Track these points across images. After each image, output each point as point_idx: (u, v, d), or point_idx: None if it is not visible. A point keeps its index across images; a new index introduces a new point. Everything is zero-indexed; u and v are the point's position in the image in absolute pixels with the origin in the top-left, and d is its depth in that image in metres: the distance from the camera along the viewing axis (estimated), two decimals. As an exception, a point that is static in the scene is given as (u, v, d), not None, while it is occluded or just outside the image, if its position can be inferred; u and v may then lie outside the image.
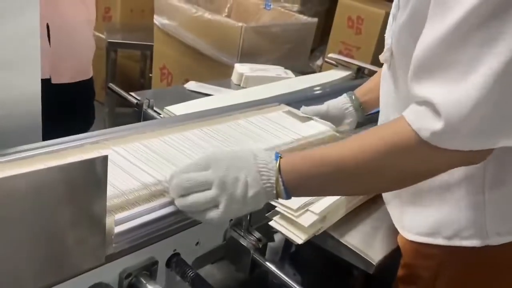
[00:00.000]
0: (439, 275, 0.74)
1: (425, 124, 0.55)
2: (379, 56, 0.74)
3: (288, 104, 1.12)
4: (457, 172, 0.68)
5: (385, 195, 0.83)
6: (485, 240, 0.68)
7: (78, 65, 1.35)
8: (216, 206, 0.61)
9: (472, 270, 0.72)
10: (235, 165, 0.61)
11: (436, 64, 0.54)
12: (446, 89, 0.53)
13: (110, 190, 0.65)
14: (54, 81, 1.25)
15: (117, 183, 0.68)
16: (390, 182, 0.63)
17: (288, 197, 0.63)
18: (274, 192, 0.62)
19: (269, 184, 0.61)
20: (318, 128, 1.00)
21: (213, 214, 0.61)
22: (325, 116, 1.03)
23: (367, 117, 1.07)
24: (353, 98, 1.03)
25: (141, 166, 0.74)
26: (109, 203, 0.63)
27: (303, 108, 1.05)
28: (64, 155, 0.73)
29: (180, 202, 0.63)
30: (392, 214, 0.81)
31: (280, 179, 0.61)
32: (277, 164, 0.62)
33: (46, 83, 1.20)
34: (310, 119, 1.03)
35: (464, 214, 0.69)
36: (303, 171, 0.62)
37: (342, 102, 1.02)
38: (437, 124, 0.54)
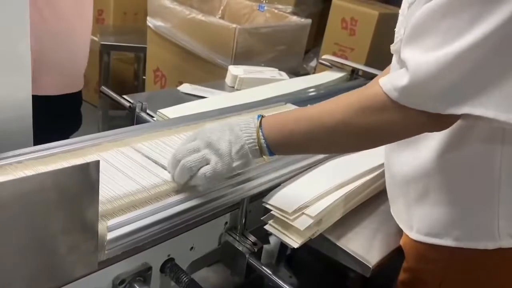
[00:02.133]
0: (446, 279, 0.72)
1: (394, 82, 0.58)
2: (390, 46, 0.72)
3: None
4: (470, 171, 0.67)
5: (391, 195, 0.81)
6: (497, 242, 0.66)
7: (65, 79, 1.32)
8: (207, 164, 0.67)
9: (482, 273, 0.70)
10: (219, 130, 0.68)
11: (421, 31, 0.57)
12: (421, 52, 0.55)
13: (102, 196, 0.64)
14: (36, 92, 1.23)
15: (110, 188, 0.67)
16: (361, 140, 0.65)
17: (270, 153, 0.68)
18: (257, 147, 0.67)
19: (251, 140, 0.67)
20: None
21: (205, 169, 0.66)
22: None
23: None
24: None
25: (134, 170, 0.73)
26: (102, 208, 0.62)
27: None
28: (55, 160, 0.72)
29: (175, 172, 0.68)
30: (398, 215, 0.80)
31: (261, 135, 0.66)
32: (258, 122, 0.67)
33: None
34: None
35: (476, 215, 0.67)
36: (283, 128, 0.67)
37: None
38: (403, 80, 0.56)
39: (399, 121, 0.60)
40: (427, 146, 0.70)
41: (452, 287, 0.73)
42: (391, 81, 0.58)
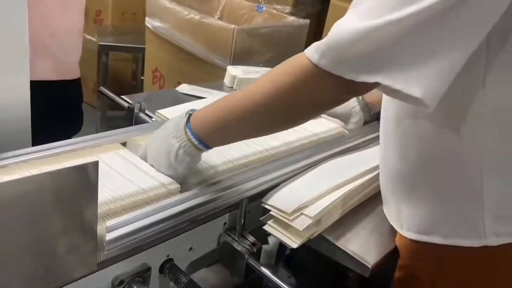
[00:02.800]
0: (438, 276, 0.73)
1: (316, 43, 0.59)
2: None
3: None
4: (458, 170, 0.68)
5: (383, 194, 0.82)
6: (483, 240, 0.67)
7: (59, 63, 1.32)
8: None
9: (471, 271, 0.71)
10: (157, 141, 0.73)
11: (356, 2, 0.58)
12: (350, 18, 0.57)
13: (101, 196, 0.64)
14: (34, 78, 1.22)
15: (109, 189, 0.67)
16: (289, 116, 0.65)
17: (204, 146, 0.69)
18: (191, 146, 0.69)
19: (184, 143, 0.69)
20: (328, 125, 1.03)
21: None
22: (332, 115, 1.07)
23: (374, 115, 1.08)
24: (360, 97, 1.06)
25: (133, 172, 0.73)
26: (101, 209, 0.62)
27: None
28: (54, 161, 0.72)
29: None
30: (390, 214, 0.81)
31: (189, 133, 0.68)
32: (185, 119, 0.69)
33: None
34: (320, 117, 1.06)
35: (461, 213, 0.68)
36: (213, 117, 0.68)
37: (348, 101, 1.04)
38: (321, 42, 0.58)
39: (318, 87, 0.61)
40: (413, 146, 0.71)
41: (445, 284, 0.73)
42: (314, 44, 0.60)
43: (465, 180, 0.67)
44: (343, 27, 0.57)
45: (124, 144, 0.84)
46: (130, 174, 0.73)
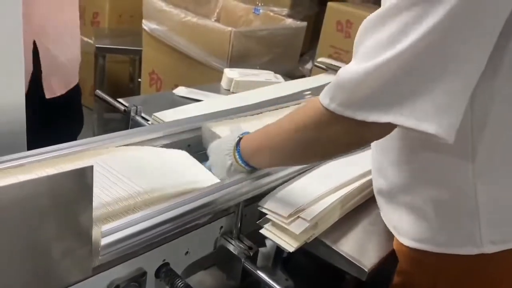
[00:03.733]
0: (438, 283, 0.73)
1: (326, 88, 0.62)
2: None
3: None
4: (450, 179, 0.68)
5: (380, 202, 0.82)
6: (480, 248, 0.68)
7: (67, 76, 1.34)
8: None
9: (470, 278, 0.71)
10: (214, 152, 0.83)
11: (357, 44, 0.61)
12: (352, 63, 0.60)
13: (96, 201, 0.64)
14: (48, 96, 1.24)
15: (104, 193, 0.67)
16: (307, 153, 0.69)
17: (246, 164, 0.77)
18: (237, 164, 0.78)
19: (233, 161, 0.78)
20: None
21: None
22: None
23: None
24: None
25: (128, 176, 0.73)
26: (96, 213, 0.61)
27: None
28: (49, 164, 0.72)
29: None
30: (388, 220, 0.81)
31: (237, 156, 0.77)
32: (235, 143, 0.78)
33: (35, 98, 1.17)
34: None
35: (457, 222, 0.69)
36: (253, 144, 0.76)
37: None
38: (329, 86, 0.61)
39: (331, 129, 0.63)
40: (407, 157, 0.71)
41: (448, 284, 0.73)
42: (325, 87, 0.62)
43: (459, 189, 0.67)
44: (347, 71, 0.59)
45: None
46: (126, 177, 0.72)
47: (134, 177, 0.73)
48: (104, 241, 0.58)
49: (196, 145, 0.96)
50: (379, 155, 0.78)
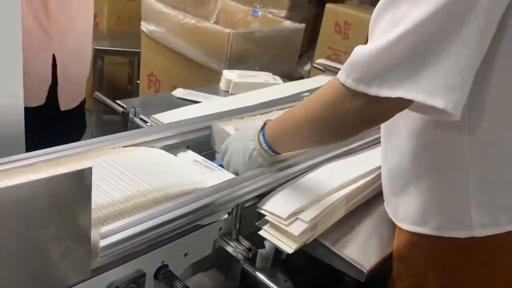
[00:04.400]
0: (431, 265, 0.75)
1: (343, 66, 0.64)
2: None
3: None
4: (443, 163, 0.70)
5: (384, 191, 0.84)
6: (470, 231, 0.69)
7: (80, 88, 1.38)
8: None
9: (460, 261, 0.73)
10: (237, 140, 0.85)
11: (372, 26, 0.64)
12: (364, 46, 0.63)
13: (95, 202, 0.64)
14: (63, 108, 1.28)
15: (102, 195, 0.67)
16: (327, 133, 0.72)
17: (271, 149, 0.80)
18: (263, 151, 0.80)
19: (258, 146, 0.80)
20: None
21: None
22: None
23: None
24: None
25: (137, 174, 0.73)
26: (95, 215, 0.61)
27: None
28: (48, 166, 0.72)
29: None
30: (389, 208, 0.83)
31: (262, 140, 0.80)
32: (260, 127, 0.81)
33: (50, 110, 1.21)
34: None
35: (449, 205, 0.71)
36: (277, 128, 0.79)
37: None
38: (346, 63, 0.63)
39: (347, 105, 0.65)
40: (409, 139, 0.73)
41: (437, 273, 0.75)
42: (342, 66, 0.65)
43: (453, 172, 0.69)
44: (362, 49, 0.62)
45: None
46: (124, 178, 0.72)
47: (143, 175, 0.74)
48: (103, 242, 0.58)
49: (195, 147, 0.96)
50: (384, 140, 0.81)
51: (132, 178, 0.73)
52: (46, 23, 1.13)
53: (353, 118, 0.66)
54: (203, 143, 0.99)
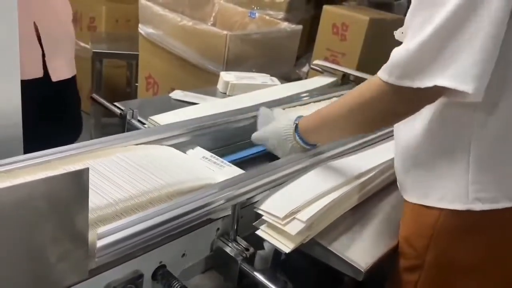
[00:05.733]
0: (431, 243, 0.78)
1: (383, 67, 0.71)
2: (394, 32, 0.84)
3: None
4: (447, 140, 0.75)
5: (396, 169, 0.87)
6: (467, 205, 0.73)
7: (69, 59, 1.34)
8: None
9: (459, 237, 0.76)
10: (273, 134, 0.97)
11: (405, 29, 0.73)
12: (402, 44, 0.70)
13: (92, 203, 0.64)
14: (54, 79, 1.25)
15: (100, 195, 0.67)
16: (371, 124, 0.82)
17: (304, 143, 0.92)
18: (299, 146, 0.93)
19: (294, 142, 0.93)
20: None
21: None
22: None
23: None
24: None
25: (115, 180, 0.73)
26: (92, 216, 0.62)
27: None
28: (45, 167, 0.72)
29: None
30: (400, 184, 0.86)
31: (297, 137, 0.92)
32: (294, 126, 0.93)
33: (39, 82, 1.18)
34: None
35: (451, 179, 0.75)
36: (313, 124, 0.90)
37: None
38: (386, 65, 0.70)
39: (393, 99, 0.72)
40: (421, 116, 0.77)
41: (436, 253, 0.78)
42: (383, 66, 0.72)
43: (457, 148, 0.74)
44: (399, 51, 0.69)
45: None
46: (121, 179, 0.73)
47: (156, 171, 0.77)
48: (100, 243, 0.58)
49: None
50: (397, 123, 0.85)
51: (147, 174, 0.76)
52: None
53: (396, 109, 0.74)
54: (203, 142, 0.99)
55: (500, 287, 0.78)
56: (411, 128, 0.80)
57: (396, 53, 0.70)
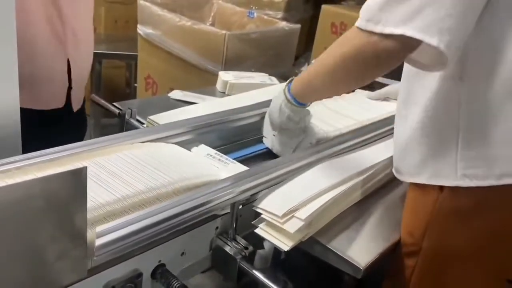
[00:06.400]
0: (428, 226, 0.79)
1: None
2: None
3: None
4: (438, 119, 0.76)
5: (394, 154, 0.88)
6: (456, 181, 0.74)
7: (84, 86, 1.40)
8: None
9: (454, 221, 0.77)
10: (272, 103, 0.99)
11: None
12: None
13: (91, 202, 0.64)
14: (75, 109, 1.31)
15: (98, 194, 0.67)
16: (348, 74, 0.80)
17: (295, 101, 0.92)
18: (286, 100, 0.92)
19: (283, 99, 0.93)
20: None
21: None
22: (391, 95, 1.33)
23: None
24: None
25: (123, 177, 0.73)
26: (90, 215, 0.62)
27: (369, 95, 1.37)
28: (43, 167, 0.72)
29: None
30: (395, 168, 0.87)
31: (287, 91, 0.92)
32: (286, 83, 0.93)
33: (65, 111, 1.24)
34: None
35: (441, 156, 0.76)
36: (300, 80, 0.90)
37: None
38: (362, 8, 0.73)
39: (360, 43, 0.73)
40: (414, 92, 0.80)
41: (432, 238, 0.80)
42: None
43: (445, 122, 0.75)
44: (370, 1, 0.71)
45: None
46: (118, 179, 0.73)
47: (162, 168, 0.78)
48: (99, 241, 0.58)
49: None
50: (399, 100, 0.86)
51: (153, 170, 0.77)
52: (61, 31, 1.18)
53: (366, 55, 0.74)
54: (206, 140, 1.00)
55: (494, 275, 0.78)
56: (406, 106, 0.82)
57: (371, 1, 0.72)
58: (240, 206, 0.79)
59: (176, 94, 1.35)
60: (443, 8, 0.64)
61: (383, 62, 0.74)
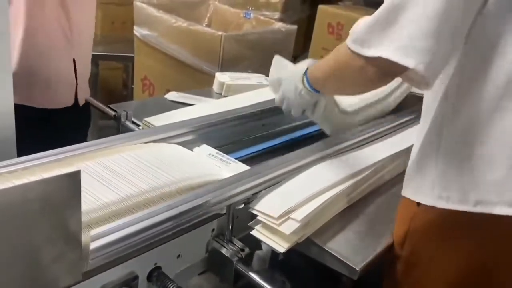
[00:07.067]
0: (407, 236, 0.80)
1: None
2: None
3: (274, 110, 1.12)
4: (423, 129, 0.77)
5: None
6: (433, 200, 0.75)
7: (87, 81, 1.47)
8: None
9: (430, 238, 0.78)
10: (288, 88, 0.99)
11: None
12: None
13: (95, 202, 0.65)
14: (81, 103, 1.37)
15: (93, 197, 0.67)
16: (340, 84, 0.87)
17: (311, 88, 0.94)
18: (305, 88, 0.95)
19: (303, 87, 0.94)
20: None
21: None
22: None
23: None
24: None
25: (135, 174, 0.75)
26: (85, 218, 0.62)
27: None
28: (49, 168, 0.72)
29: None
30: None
31: (305, 81, 0.94)
32: (304, 71, 0.95)
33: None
34: None
35: (420, 175, 0.77)
36: (313, 72, 0.93)
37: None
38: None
39: (348, 61, 0.76)
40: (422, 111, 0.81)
41: (411, 243, 0.80)
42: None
43: (430, 141, 0.76)
44: (365, 19, 0.74)
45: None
46: (114, 181, 0.73)
47: (165, 168, 0.79)
48: (94, 244, 0.58)
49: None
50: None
51: (156, 170, 0.78)
52: (68, 32, 1.25)
53: (353, 73, 0.77)
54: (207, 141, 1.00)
55: None
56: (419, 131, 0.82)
57: (360, 23, 0.74)
58: (242, 205, 0.79)
59: (172, 95, 1.35)
60: (420, 29, 0.65)
61: (368, 82, 0.77)
